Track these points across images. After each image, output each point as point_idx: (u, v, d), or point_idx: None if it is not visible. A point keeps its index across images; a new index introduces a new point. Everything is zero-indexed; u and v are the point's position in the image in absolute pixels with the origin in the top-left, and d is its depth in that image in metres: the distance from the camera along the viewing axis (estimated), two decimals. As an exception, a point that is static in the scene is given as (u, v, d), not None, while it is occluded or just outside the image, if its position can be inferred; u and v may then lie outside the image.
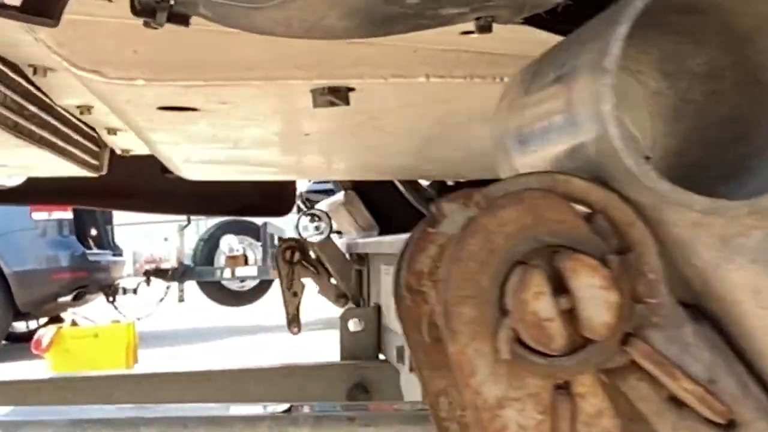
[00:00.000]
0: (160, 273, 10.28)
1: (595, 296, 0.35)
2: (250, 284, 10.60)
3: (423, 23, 0.73)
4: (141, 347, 8.05)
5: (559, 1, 0.72)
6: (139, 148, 2.00)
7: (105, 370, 6.77)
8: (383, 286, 2.32)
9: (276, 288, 11.08)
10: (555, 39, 0.84)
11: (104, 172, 2.05)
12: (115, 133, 1.70)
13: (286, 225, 12.17)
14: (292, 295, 2.65)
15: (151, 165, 2.25)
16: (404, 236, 1.93)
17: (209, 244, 10.44)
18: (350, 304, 2.68)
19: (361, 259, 2.63)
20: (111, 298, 9.82)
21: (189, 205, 2.79)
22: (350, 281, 2.67)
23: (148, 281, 10.23)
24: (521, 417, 0.35)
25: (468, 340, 0.37)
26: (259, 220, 10.56)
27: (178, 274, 10.17)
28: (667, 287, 0.37)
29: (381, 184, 2.58)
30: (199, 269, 10.27)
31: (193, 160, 1.68)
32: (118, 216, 11.65)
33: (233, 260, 10.13)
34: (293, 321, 2.63)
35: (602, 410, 0.36)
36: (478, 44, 0.88)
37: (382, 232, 2.58)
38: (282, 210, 3.01)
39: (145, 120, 1.10)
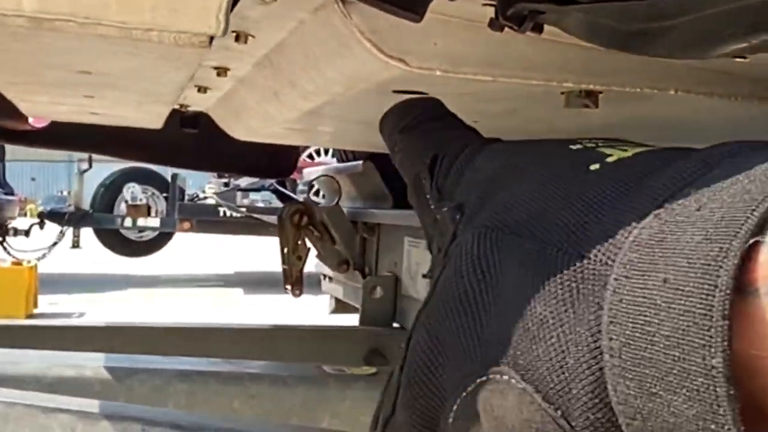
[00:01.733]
0: (55, 216, 9.96)
1: None
2: (150, 235, 10.42)
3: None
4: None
5: None
6: (200, 105, 2.01)
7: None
8: (406, 257, 2.41)
9: (175, 241, 10.91)
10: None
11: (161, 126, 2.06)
12: (204, 91, 1.71)
13: (193, 177, 11.97)
14: (297, 259, 2.70)
15: (170, 118, 2.26)
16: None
17: (110, 191, 10.16)
18: (352, 271, 2.76)
19: (370, 228, 2.70)
20: (1, 239, 9.45)
21: (196, 159, 2.79)
22: (354, 249, 2.74)
23: (41, 224, 9.90)
24: None
25: None
26: (167, 172, 10.36)
27: (75, 219, 9.88)
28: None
29: (395, 159, 2.66)
30: (97, 216, 9.99)
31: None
32: (11, 151, 11.15)
33: (135, 209, 9.91)
34: (296, 283, 2.68)
35: None
36: (725, 65, 0.99)
37: (395, 205, 2.66)
38: (284, 171, 3.04)
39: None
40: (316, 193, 2.80)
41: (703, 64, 1.00)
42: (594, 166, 0.56)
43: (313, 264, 3.39)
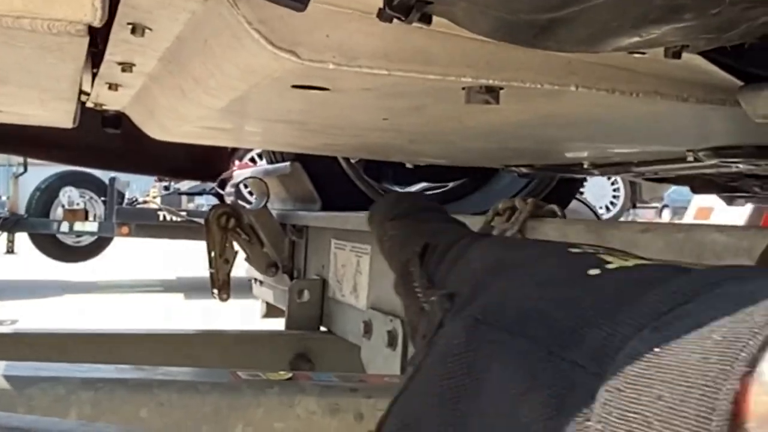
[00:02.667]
0: (-12, 221, 9.70)
1: None
2: (87, 240, 10.20)
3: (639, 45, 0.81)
4: (-31, 298, 7.62)
5: (752, 40, 0.82)
6: (114, 104, 1.95)
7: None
8: (332, 260, 2.38)
9: (114, 246, 10.70)
10: (714, 72, 0.95)
11: (75, 124, 1.99)
12: (116, 89, 1.66)
13: (135, 182, 11.77)
14: (224, 262, 2.64)
15: (92, 118, 2.20)
16: (353, 214, 1.99)
17: (46, 195, 9.92)
18: (280, 274, 2.72)
19: (299, 231, 2.66)
20: (-69, 245, 9.19)
21: (119, 160, 2.72)
22: (283, 252, 2.70)
23: (-26, 230, 9.65)
24: None
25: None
26: (105, 175, 10.16)
27: (10, 223, 9.64)
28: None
29: (323, 160, 2.62)
30: (33, 220, 9.75)
31: (191, 123, 1.67)
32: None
33: (72, 214, 9.69)
34: (223, 287, 2.63)
35: None
36: (625, 62, 0.98)
37: (324, 207, 2.63)
38: (214, 174, 2.98)
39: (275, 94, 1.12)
40: (248, 195, 2.75)
41: (604, 60, 0.99)
42: (593, 271, 0.55)
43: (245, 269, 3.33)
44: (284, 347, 2.29)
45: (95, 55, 1.30)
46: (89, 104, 1.93)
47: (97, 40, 1.16)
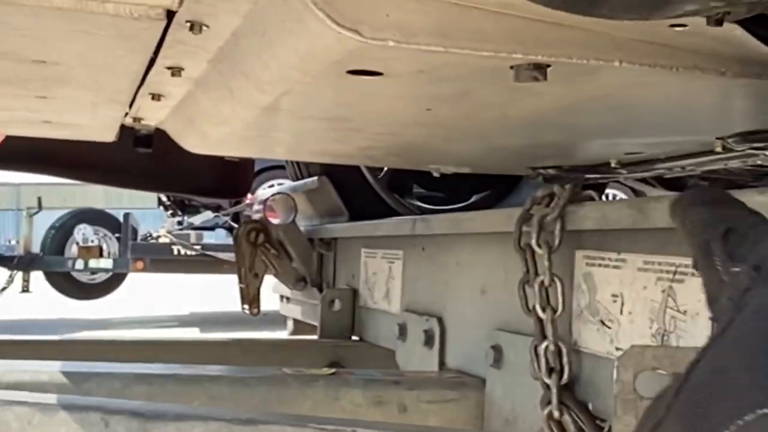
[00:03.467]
0: (3, 261, 9.78)
1: None
2: (102, 277, 10.27)
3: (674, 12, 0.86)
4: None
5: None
6: (154, 118, 2.01)
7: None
8: (363, 269, 2.42)
9: (129, 282, 10.73)
10: (752, 44, 1.00)
11: (116, 138, 2.05)
12: (158, 99, 1.72)
13: (144, 219, 11.85)
14: (254, 276, 2.69)
15: (122, 138, 2.26)
16: (384, 221, 2.03)
17: (61, 233, 10.01)
18: (309, 288, 2.76)
19: (327, 244, 2.71)
20: (-52, 286, 9.25)
21: (148, 180, 2.78)
22: (312, 266, 2.75)
23: (-10, 269, 9.71)
24: None
25: None
26: (119, 212, 10.24)
27: (25, 262, 9.71)
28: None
29: (350, 172, 2.68)
30: (48, 258, 9.83)
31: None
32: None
33: (87, 251, 9.77)
34: (253, 302, 2.67)
35: None
36: (666, 37, 1.03)
37: (351, 220, 2.68)
38: (238, 191, 3.04)
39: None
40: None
41: (645, 37, 1.04)
42: None
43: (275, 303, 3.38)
44: (318, 355, 2.32)
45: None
46: (128, 120, 1.99)
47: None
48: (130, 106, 1.77)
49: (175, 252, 9.28)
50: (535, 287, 1.41)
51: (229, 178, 2.90)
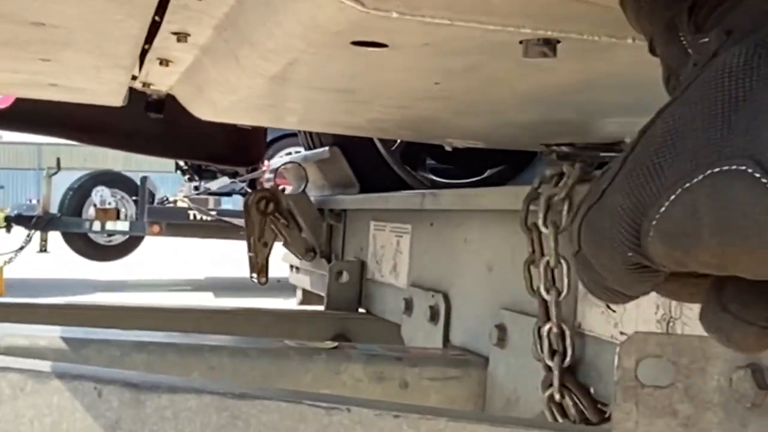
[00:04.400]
0: (22, 220, 9.85)
1: None
2: (119, 239, 10.33)
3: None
4: None
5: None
6: (163, 83, 1.99)
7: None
8: (371, 241, 2.40)
9: (145, 245, 10.79)
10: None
11: (125, 103, 2.03)
12: (167, 65, 1.69)
13: (164, 183, 11.89)
14: (263, 246, 2.68)
15: (134, 103, 2.24)
16: (394, 194, 2.01)
17: (79, 195, 10.06)
18: (318, 258, 2.75)
19: (337, 215, 2.69)
20: (-33, 244, 9.33)
21: (159, 145, 2.76)
22: (321, 236, 2.73)
23: (8, 228, 9.79)
24: None
25: None
26: (136, 175, 10.28)
27: (42, 222, 9.77)
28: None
29: (362, 144, 2.65)
30: (66, 219, 9.89)
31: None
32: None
33: (104, 213, 9.82)
34: (261, 271, 2.66)
35: None
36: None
37: (362, 191, 2.65)
38: (250, 160, 3.02)
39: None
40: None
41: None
42: None
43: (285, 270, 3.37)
44: (324, 327, 2.31)
45: (150, 30, 1.33)
46: (137, 85, 1.97)
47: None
48: (140, 70, 1.75)
49: (191, 217, 9.31)
50: (540, 268, 1.39)
51: (240, 146, 2.88)
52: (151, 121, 2.48)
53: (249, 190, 9.28)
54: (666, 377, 1.06)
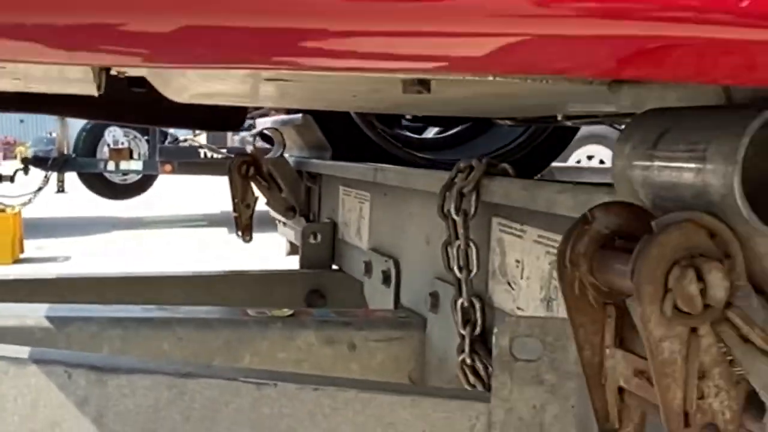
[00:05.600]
0: (38, 162, 10.09)
1: (717, 282, 0.67)
2: (133, 178, 10.59)
3: None
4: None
5: None
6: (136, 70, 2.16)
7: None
8: (341, 205, 2.61)
9: (159, 183, 10.99)
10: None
11: (102, 91, 2.21)
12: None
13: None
14: (246, 207, 2.89)
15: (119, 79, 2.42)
16: (358, 164, 2.20)
17: (92, 135, 10.27)
18: (298, 217, 2.96)
19: (313, 178, 2.90)
20: (-14, 185, 9.60)
21: (147, 115, 2.95)
22: (300, 197, 2.94)
23: (26, 169, 10.04)
24: (672, 345, 0.68)
25: (648, 303, 0.68)
26: (146, 115, 10.41)
27: (59, 163, 10.01)
28: (746, 278, 0.70)
29: (335, 112, 2.83)
30: (81, 160, 10.13)
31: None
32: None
33: (117, 153, 10.05)
34: (245, 230, 2.88)
35: (712, 344, 0.69)
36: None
37: (335, 155, 2.85)
38: (232, 125, 3.21)
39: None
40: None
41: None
42: None
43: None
44: (300, 284, 2.54)
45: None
46: (112, 72, 2.15)
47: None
48: (110, 68, 1.92)
49: (202, 155, 9.53)
50: (453, 250, 1.59)
51: (221, 113, 3.05)
52: (134, 94, 2.65)
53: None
54: (535, 352, 1.27)
